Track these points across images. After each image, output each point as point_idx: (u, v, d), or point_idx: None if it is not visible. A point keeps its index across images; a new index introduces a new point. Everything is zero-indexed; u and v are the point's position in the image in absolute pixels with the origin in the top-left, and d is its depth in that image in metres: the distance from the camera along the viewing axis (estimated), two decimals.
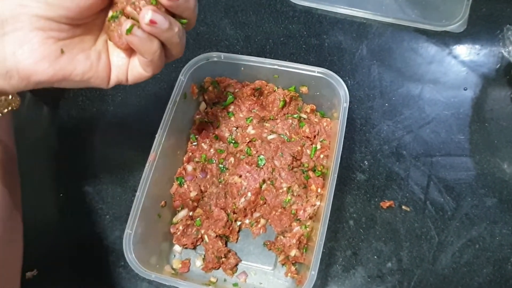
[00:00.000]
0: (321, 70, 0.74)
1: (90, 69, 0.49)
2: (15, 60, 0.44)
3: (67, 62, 0.47)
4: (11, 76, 0.45)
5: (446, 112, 0.84)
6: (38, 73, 0.45)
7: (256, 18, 0.94)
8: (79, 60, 0.48)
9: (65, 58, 0.47)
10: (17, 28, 0.44)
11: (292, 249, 0.71)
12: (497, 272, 0.72)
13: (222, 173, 0.77)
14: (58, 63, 0.46)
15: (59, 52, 0.46)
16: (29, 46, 0.44)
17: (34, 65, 0.45)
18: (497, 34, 0.88)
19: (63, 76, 0.47)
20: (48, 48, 0.45)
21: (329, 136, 0.78)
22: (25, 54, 0.44)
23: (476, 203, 0.77)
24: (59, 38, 0.46)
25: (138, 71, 0.52)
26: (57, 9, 0.44)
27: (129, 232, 0.65)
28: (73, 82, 0.49)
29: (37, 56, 0.45)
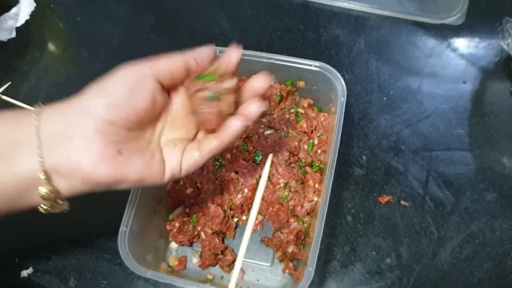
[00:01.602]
0: (318, 64, 0.73)
1: (145, 168, 0.52)
2: (78, 162, 0.48)
3: (125, 163, 0.50)
4: (73, 176, 0.49)
5: (445, 105, 0.83)
6: (99, 173, 0.49)
7: (252, 12, 0.93)
8: (135, 160, 0.51)
9: (123, 159, 0.50)
10: (82, 133, 0.48)
11: (290, 246, 0.70)
12: (497, 267, 0.71)
13: (219, 170, 0.76)
14: (116, 163, 0.49)
15: (117, 153, 0.49)
16: (91, 148, 0.48)
17: (95, 165, 0.48)
18: (496, 27, 0.87)
19: (121, 177, 0.50)
20: (108, 149, 0.49)
21: (327, 131, 0.77)
22: (87, 156, 0.48)
23: (475, 198, 0.76)
24: (117, 140, 0.50)
25: (194, 159, 0.55)
26: (117, 113, 0.49)
27: (124, 229, 0.64)
28: (130, 183, 0.52)
29: (98, 157, 0.48)
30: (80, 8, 0.96)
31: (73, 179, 0.49)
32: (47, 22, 0.95)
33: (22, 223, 0.77)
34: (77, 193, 0.51)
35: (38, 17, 0.95)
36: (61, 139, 0.48)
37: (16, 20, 0.94)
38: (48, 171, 0.48)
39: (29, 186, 0.49)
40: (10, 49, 0.92)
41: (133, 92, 0.50)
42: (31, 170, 0.48)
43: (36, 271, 0.75)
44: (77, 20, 0.95)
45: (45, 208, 0.52)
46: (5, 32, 0.92)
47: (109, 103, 0.49)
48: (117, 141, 0.50)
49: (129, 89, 0.49)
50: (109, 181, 0.50)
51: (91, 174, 0.49)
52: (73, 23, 0.95)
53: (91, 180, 0.49)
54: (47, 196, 0.50)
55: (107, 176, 0.49)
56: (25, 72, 0.90)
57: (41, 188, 0.49)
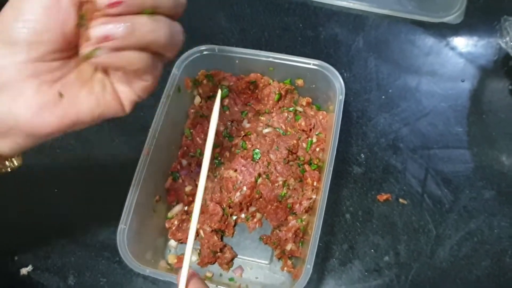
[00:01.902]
0: (317, 62, 0.74)
1: (98, 104, 0.43)
2: (13, 116, 0.40)
3: (70, 104, 0.41)
4: (15, 133, 0.41)
5: (444, 104, 0.83)
6: (42, 125, 0.40)
7: (252, 11, 0.93)
8: (82, 97, 0.42)
9: (67, 101, 0.41)
10: (7, 82, 0.39)
11: (288, 243, 0.71)
12: (496, 265, 0.72)
13: (217, 168, 0.76)
14: (60, 108, 0.41)
15: (58, 96, 0.41)
16: (24, 98, 0.39)
17: (35, 117, 0.40)
18: (494, 25, 0.87)
19: (71, 121, 0.42)
20: (45, 95, 0.40)
21: (325, 129, 0.77)
22: (22, 108, 0.39)
23: (474, 196, 0.76)
24: (53, 79, 0.41)
25: (142, 84, 0.45)
26: (40, 46, 0.39)
27: (123, 227, 0.64)
28: (85, 124, 0.43)
29: (35, 107, 0.40)
30: None
31: (14, 136, 0.41)
32: None
33: (21, 221, 0.77)
34: (25, 148, 0.43)
35: None
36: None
37: None
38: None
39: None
40: None
41: (54, 10, 0.38)
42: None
43: (36, 269, 0.75)
44: None
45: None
46: None
47: (29, 36, 0.38)
48: (54, 79, 0.41)
49: (47, 8, 0.38)
50: (58, 129, 0.42)
51: (35, 127, 0.41)
52: None
53: (36, 133, 0.41)
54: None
55: (53, 125, 0.41)
56: None
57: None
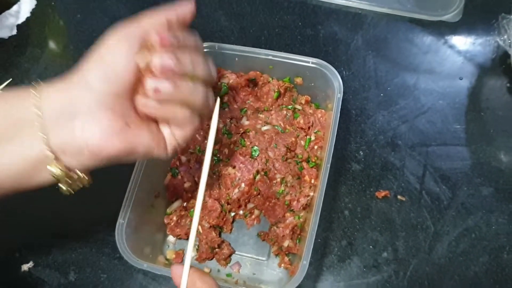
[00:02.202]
0: (316, 60, 0.74)
1: (152, 140, 0.51)
2: (84, 138, 0.47)
3: (133, 134, 0.49)
4: (81, 154, 0.47)
5: (442, 101, 0.83)
6: (108, 147, 0.47)
7: (251, 9, 0.94)
8: (143, 131, 0.50)
9: (131, 131, 0.49)
10: (86, 109, 0.46)
11: (286, 240, 0.71)
12: (493, 261, 0.72)
13: (216, 164, 0.77)
14: (125, 136, 0.48)
15: (126, 125, 0.48)
16: (97, 124, 0.47)
17: (104, 140, 0.47)
18: (492, 24, 0.87)
19: (131, 148, 0.49)
20: (115, 123, 0.47)
21: (324, 127, 0.78)
22: (94, 132, 0.47)
23: (472, 193, 0.76)
24: (122, 113, 0.48)
25: (180, 133, 0.53)
26: (118, 84, 0.47)
27: (121, 222, 0.65)
28: (138, 154, 0.50)
29: (106, 131, 0.47)
30: (81, 6, 0.97)
31: (81, 157, 0.48)
32: (47, 20, 0.96)
33: (22, 217, 0.78)
34: (86, 169, 0.51)
35: (38, 14, 0.96)
36: (64, 117, 0.47)
37: (17, 18, 0.94)
38: (52, 150, 0.47)
39: (36, 166, 0.48)
40: (11, 47, 0.93)
41: (128, 58, 0.48)
42: (35, 150, 0.47)
43: (37, 265, 0.75)
44: (77, 17, 0.96)
45: (64, 188, 0.51)
46: (6, 29, 0.93)
47: (109, 74, 0.47)
48: (123, 113, 0.48)
49: (125, 56, 0.48)
50: (119, 154, 0.49)
51: (101, 149, 0.47)
52: (73, 20, 0.96)
53: (101, 155, 0.48)
54: (59, 174, 0.48)
55: (117, 149, 0.48)
56: (26, 69, 0.91)
57: (51, 167, 0.48)
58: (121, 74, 0.47)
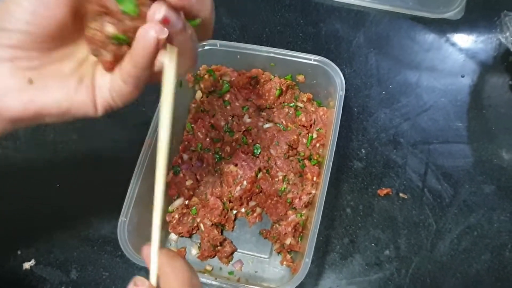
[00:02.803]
0: (317, 58, 0.74)
1: (67, 98, 0.43)
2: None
3: (37, 93, 0.41)
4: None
5: (444, 99, 0.83)
6: (8, 108, 0.41)
7: (253, 7, 0.94)
8: (52, 89, 0.42)
9: (34, 88, 0.41)
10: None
11: (288, 238, 0.71)
12: (495, 259, 0.72)
13: (218, 162, 0.77)
14: (25, 94, 0.41)
15: (26, 82, 0.41)
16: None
17: (1, 99, 0.40)
18: (494, 21, 0.87)
19: (35, 109, 0.42)
20: (13, 79, 0.41)
21: (326, 125, 0.78)
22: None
23: (474, 190, 0.76)
24: (28, 67, 0.41)
25: (119, 86, 0.43)
26: (19, 35, 0.40)
27: (123, 219, 0.65)
28: (52, 116, 0.43)
29: (2, 89, 0.40)
30: None
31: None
32: None
33: (24, 216, 0.78)
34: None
35: None
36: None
37: None
38: None
39: None
40: None
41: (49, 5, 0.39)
42: None
43: (38, 263, 0.75)
44: None
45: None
46: None
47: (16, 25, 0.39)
48: (28, 67, 0.41)
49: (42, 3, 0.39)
50: (23, 115, 0.41)
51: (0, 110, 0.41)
52: None
53: (3, 117, 0.41)
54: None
55: (16, 110, 0.41)
56: None
57: None
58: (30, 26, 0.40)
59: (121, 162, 0.72)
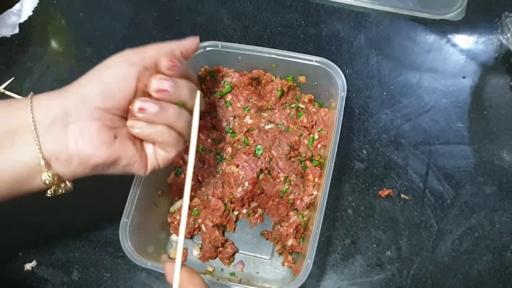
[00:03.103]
0: (319, 59, 0.74)
1: (135, 154, 0.55)
2: (76, 147, 0.51)
3: (119, 146, 0.53)
4: (72, 161, 0.51)
5: (445, 100, 0.83)
6: (96, 156, 0.51)
7: (254, 8, 0.94)
8: (128, 145, 0.54)
9: (118, 143, 0.53)
10: (79, 119, 0.51)
11: (289, 239, 0.71)
12: (497, 260, 0.72)
13: (219, 163, 0.77)
14: (113, 146, 0.52)
15: (113, 137, 0.53)
16: (89, 133, 0.51)
17: (94, 149, 0.51)
18: (495, 22, 0.87)
19: (116, 159, 0.53)
20: (104, 134, 0.52)
21: (327, 126, 0.78)
22: (86, 141, 0.51)
23: (475, 191, 0.76)
24: (111, 126, 0.53)
25: (164, 154, 0.58)
26: (112, 101, 0.52)
27: (125, 220, 0.65)
28: (119, 167, 0.54)
29: (96, 141, 0.51)
30: (83, 4, 0.97)
31: (71, 164, 0.51)
32: (50, 18, 0.96)
33: (25, 217, 0.78)
34: (74, 176, 0.53)
35: (41, 13, 0.96)
36: (57, 126, 0.50)
37: (19, 16, 0.94)
38: (46, 158, 0.50)
39: (29, 173, 0.50)
40: (13, 45, 0.93)
41: (126, 81, 0.52)
42: (29, 158, 0.50)
43: (40, 264, 0.75)
44: (79, 16, 0.96)
45: (50, 192, 0.54)
46: (8, 28, 0.93)
47: (104, 91, 0.52)
48: (112, 127, 0.53)
49: (123, 78, 0.52)
50: (105, 163, 0.53)
51: (90, 157, 0.51)
52: (75, 19, 0.96)
53: (89, 163, 0.52)
54: (50, 182, 0.51)
55: (104, 158, 0.52)
56: (28, 68, 0.91)
57: (43, 174, 0.51)
58: (116, 95, 0.52)
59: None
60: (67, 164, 0.51)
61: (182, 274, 0.53)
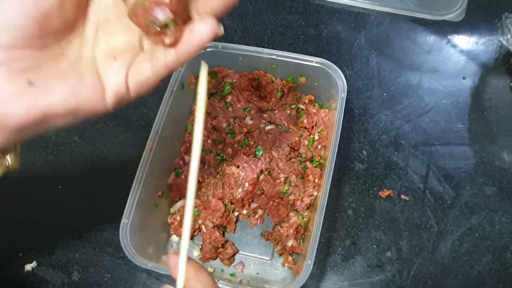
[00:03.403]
0: (319, 60, 0.74)
1: (72, 95, 0.39)
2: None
3: (40, 94, 0.38)
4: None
5: (445, 101, 0.83)
6: (9, 115, 0.37)
7: (254, 9, 0.94)
8: (55, 87, 0.38)
9: (36, 90, 0.37)
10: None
11: (289, 239, 0.71)
12: (497, 261, 0.72)
13: (220, 164, 0.77)
14: (28, 98, 0.37)
15: (26, 84, 0.37)
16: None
17: (2, 106, 0.37)
18: (495, 23, 0.87)
19: (41, 111, 0.38)
20: (12, 83, 0.37)
21: (327, 127, 0.78)
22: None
23: (475, 192, 0.76)
24: (24, 67, 0.37)
25: (145, 76, 0.41)
26: (11, 31, 0.36)
27: (125, 221, 0.65)
28: (59, 117, 0.40)
29: (2, 95, 0.36)
30: None
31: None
32: None
33: (26, 217, 0.78)
34: (2, 144, 0.40)
35: None
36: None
37: None
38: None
39: None
40: None
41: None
42: None
43: (40, 264, 0.75)
44: None
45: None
46: None
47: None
48: (24, 68, 0.37)
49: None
50: (27, 121, 0.38)
51: (3, 118, 0.37)
52: None
53: (6, 126, 0.38)
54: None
55: (20, 115, 0.37)
56: None
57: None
58: (10, 21, 0.35)
59: (123, 164, 0.72)
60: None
61: (188, 270, 0.44)
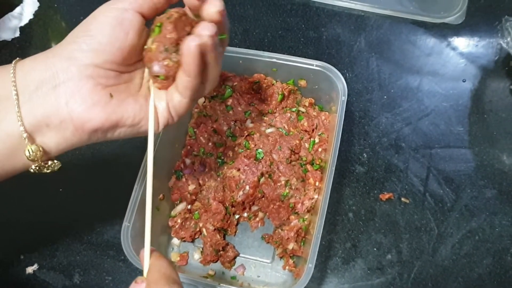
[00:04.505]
0: (319, 63, 0.74)
1: (140, 111, 0.50)
2: (68, 110, 0.46)
3: (118, 105, 0.48)
4: (65, 127, 0.47)
5: (445, 104, 0.83)
6: (91, 119, 0.47)
7: (254, 12, 0.94)
8: (129, 103, 0.49)
9: (115, 102, 0.48)
10: (68, 79, 0.46)
11: (290, 242, 0.71)
12: (497, 263, 0.72)
13: (221, 167, 0.77)
14: (109, 106, 0.48)
15: (109, 96, 0.48)
16: (80, 94, 0.46)
17: (87, 111, 0.46)
18: (495, 26, 0.87)
19: (116, 120, 0.48)
20: (98, 94, 0.47)
21: (328, 130, 0.78)
22: (78, 102, 0.46)
23: (475, 195, 0.77)
24: (107, 84, 0.48)
25: (178, 100, 0.51)
26: (103, 55, 0.47)
27: (127, 224, 0.65)
28: (126, 128, 0.50)
29: (88, 102, 0.46)
30: (83, 8, 0.97)
31: (65, 130, 0.48)
32: (50, 22, 0.96)
33: (27, 220, 0.78)
34: (70, 145, 0.49)
35: (41, 16, 0.96)
36: (45, 89, 0.46)
37: (19, 20, 0.94)
38: (36, 124, 0.46)
39: (18, 144, 0.47)
40: (14, 48, 0.93)
41: (116, 30, 0.47)
42: (16, 127, 0.46)
43: (41, 267, 0.75)
44: (80, 19, 0.93)
45: (33, 168, 0.50)
46: (9, 31, 0.93)
47: (92, 46, 0.47)
48: (107, 85, 0.48)
49: (111, 27, 0.47)
50: (104, 126, 0.48)
51: (84, 120, 0.47)
52: (76, 22, 0.93)
53: (85, 128, 0.47)
54: (33, 156, 0.48)
55: (101, 121, 0.47)
56: None
57: (27, 148, 0.47)
58: (106, 47, 0.47)
59: (124, 167, 0.72)
60: (61, 131, 0.47)
61: (151, 259, 0.50)
